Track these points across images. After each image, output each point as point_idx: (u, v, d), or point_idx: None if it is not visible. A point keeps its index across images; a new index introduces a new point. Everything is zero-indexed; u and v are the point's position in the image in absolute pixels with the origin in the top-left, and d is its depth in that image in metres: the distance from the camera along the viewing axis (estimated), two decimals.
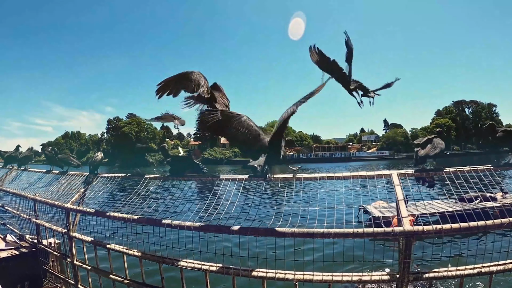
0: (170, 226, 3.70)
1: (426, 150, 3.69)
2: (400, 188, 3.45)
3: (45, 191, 6.12)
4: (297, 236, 3.15)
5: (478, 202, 13.28)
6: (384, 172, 3.66)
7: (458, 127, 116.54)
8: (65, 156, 6.54)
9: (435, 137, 3.85)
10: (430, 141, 3.80)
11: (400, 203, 3.28)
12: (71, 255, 5.16)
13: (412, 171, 3.69)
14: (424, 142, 3.78)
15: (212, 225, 3.63)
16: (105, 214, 4.45)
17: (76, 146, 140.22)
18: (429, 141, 3.80)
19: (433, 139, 3.82)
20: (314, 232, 3.08)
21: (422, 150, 3.71)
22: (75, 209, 4.98)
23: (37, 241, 6.47)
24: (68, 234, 5.14)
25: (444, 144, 3.83)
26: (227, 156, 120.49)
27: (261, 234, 3.31)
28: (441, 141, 3.82)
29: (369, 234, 3.01)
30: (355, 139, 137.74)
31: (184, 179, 4.37)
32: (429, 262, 3.40)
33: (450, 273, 3.13)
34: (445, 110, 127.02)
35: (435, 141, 3.79)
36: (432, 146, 3.73)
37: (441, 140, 3.85)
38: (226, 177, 4.03)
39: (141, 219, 4.03)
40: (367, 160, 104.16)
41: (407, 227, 3.01)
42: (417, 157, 3.70)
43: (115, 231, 4.79)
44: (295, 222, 3.32)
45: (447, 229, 2.97)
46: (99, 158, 5.52)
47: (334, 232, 3.03)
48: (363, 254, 3.38)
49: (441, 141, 3.82)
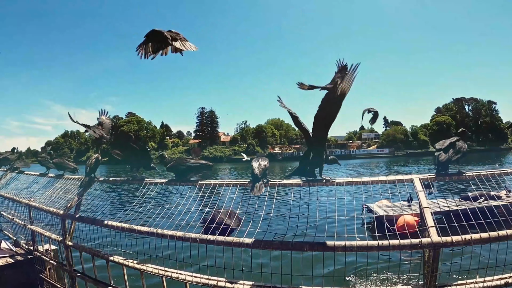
0: (173, 238, 3.41)
1: (449, 155, 3.41)
2: (423, 195, 3.18)
3: (41, 195, 5.81)
4: (316, 249, 2.85)
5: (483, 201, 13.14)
6: (406, 176, 3.38)
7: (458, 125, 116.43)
8: (60, 160, 6.22)
9: (457, 140, 3.55)
10: (453, 145, 3.50)
11: (425, 211, 3.01)
12: (68, 265, 4.88)
13: (433, 176, 3.41)
14: (447, 147, 3.49)
15: (220, 239, 3.26)
16: (102, 223, 4.15)
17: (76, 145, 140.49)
18: (451, 146, 3.50)
19: (455, 142, 3.53)
20: (335, 245, 2.78)
21: (444, 155, 3.43)
22: (71, 217, 4.69)
23: (33, 248, 6.20)
24: (64, 242, 4.85)
25: (466, 146, 3.57)
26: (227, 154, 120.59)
27: (276, 248, 2.99)
28: (464, 144, 3.54)
29: (394, 246, 2.72)
30: (355, 137, 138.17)
31: (182, 184, 4.16)
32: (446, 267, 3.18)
33: (478, 285, 2.86)
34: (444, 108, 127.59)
35: (458, 145, 3.50)
36: (455, 151, 3.45)
37: (464, 142, 3.56)
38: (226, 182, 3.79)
39: (141, 229, 3.74)
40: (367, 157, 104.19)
41: (435, 238, 2.74)
42: (438, 163, 3.43)
43: (114, 238, 4.50)
44: (303, 229, 3.10)
45: (476, 239, 2.72)
46: (95, 160, 5.19)
47: (358, 245, 2.73)
48: (381, 265, 3.12)
49: (464, 144, 3.54)
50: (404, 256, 7.51)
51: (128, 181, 4.72)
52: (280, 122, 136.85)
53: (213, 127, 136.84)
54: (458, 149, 3.46)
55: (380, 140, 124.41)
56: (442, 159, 3.40)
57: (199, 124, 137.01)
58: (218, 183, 3.84)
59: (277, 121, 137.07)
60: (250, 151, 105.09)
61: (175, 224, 3.57)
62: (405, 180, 3.37)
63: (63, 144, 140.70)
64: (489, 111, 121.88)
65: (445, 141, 3.57)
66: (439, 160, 3.41)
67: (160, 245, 3.77)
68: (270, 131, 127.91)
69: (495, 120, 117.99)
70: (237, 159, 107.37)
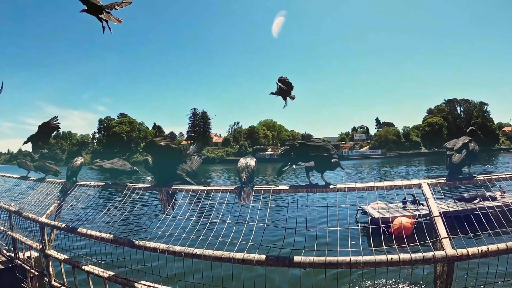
0: (156, 251, 3.08)
1: (462, 156, 3.13)
2: (433, 202, 2.89)
3: (20, 200, 5.48)
4: (317, 266, 2.51)
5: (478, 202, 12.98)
6: (413, 181, 3.09)
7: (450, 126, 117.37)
8: (41, 163, 5.89)
9: (470, 141, 3.26)
10: (466, 146, 3.20)
11: (437, 220, 2.72)
12: (48, 275, 4.55)
13: (443, 180, 3.14)
14: (460, 148, 3.19)
15: (208, 253, 2.90)
16: (80, 232, 3.81)
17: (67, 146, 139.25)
18: (465, 146, 3.20)
19: (468, 143, 3.23)
20: (338, 262, 2.46)
21: (458, 156, 3.14)
22: (50, 224, 4.36)
23: (14, 256, 5.84)
24: (43, 251, 4.52)
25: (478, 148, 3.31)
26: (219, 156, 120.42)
27: (271, 264, 2.65)
28: (476, 146, 3.27)
29: (405, 262, 2.42)
30: (347, 138, 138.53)
31: (168, 189, 3.85)
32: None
33: None
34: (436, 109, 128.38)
35: (471, 146, 3.21)
36: (468, 152, 3.17)
37: (476, 144, 3.29)
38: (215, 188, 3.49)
39: (121, 240, 3.39)
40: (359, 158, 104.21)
41: (449, 251, 2.45)
42: (451, 165, 3.13)
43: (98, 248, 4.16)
44: (301, 239, 2.87)
45: (493, 250, 2.45)
46: (78, 164, 4.86)
47: (364, 261, 2.43)
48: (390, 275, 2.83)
49: (476, 146, 3.27)
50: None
51: (109, 186, 4.45)
52: (272, 123, 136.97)
53: (206, 128, 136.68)
54: (471, 151, 3.19)
55: (372, 141, 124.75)
56: (456, 160, 3.11)
57: (192, 125, 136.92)
58: (206, 188, 3.51)
59: (269, 122, 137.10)
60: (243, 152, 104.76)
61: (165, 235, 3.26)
62: (413, 186, 3.08)
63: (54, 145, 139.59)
64: (480, 112, 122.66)
65: (456, 141, 3.28)
66: (453, 162, 3.12)
67: (149, 255, 3.44)
68: (262, 132, 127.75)
69: (487, 121, 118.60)
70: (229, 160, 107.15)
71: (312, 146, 3.23)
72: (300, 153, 3.22)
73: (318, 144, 3.27)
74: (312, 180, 3.35)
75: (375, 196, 3.26)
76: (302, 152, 3.20)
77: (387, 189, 3.09)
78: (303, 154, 3.20)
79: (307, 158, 3.18)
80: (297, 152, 3.22)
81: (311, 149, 3.21)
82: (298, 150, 3.22)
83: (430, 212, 2.81)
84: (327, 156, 3.26)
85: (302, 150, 3.20)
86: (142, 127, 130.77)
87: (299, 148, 3.22)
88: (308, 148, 3.21)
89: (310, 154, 3.18)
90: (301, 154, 3.21)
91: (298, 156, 3.24)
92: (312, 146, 3.23)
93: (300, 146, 3.22)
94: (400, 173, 44.95)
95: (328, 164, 3.28)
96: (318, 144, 3.27)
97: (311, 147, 3.21)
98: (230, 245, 2.94)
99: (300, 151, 3.21)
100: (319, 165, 3.24)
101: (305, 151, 3.19)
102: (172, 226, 3.29)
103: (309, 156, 3.18)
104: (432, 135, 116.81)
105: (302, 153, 3.21)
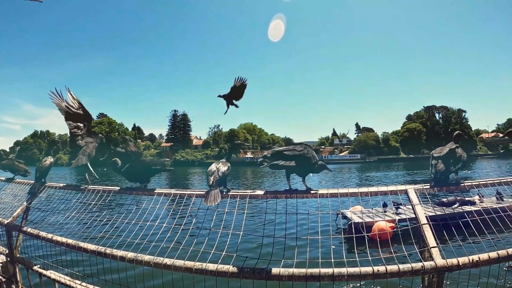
0: (124, 260, 2.84)
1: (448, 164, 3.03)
2: (420, 209, 2.74)
3: None
4: (297, 279, 2.31)
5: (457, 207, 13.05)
6: (399, 187, 2.95)
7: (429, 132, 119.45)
8: (9, 162, 5.60)
9: (457, 147, 3.15)
10: (453, 153, 3.09)
11: (425, 228, 2.57)
12: (15, 282, 4.29)
13: (427, 186, 3.01)
14: (446, 154, 3.08)
15: (178, 264, 2.67)
16: (46, 237, 3.58)
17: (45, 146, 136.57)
18: (451, 153, 3.09)
19: (455, 150, 3.12)
20: (320, 274, 2.28)
21: (442, 165, 3.03)
22: (15, 227, 4.11)
23: None
24: (10, 256, 4.27)
25: (466, 154, 3.19)
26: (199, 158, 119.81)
27: (246, 277, 2.44)
28: (464, 152, 3.17)
29: (393, 273, 2.25)
30: (327, 142, 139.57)
31: (139, 193, 3.67)
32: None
33: None
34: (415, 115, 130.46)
35: (457, 152, 3.10)
36: (455, 159, 3.06)
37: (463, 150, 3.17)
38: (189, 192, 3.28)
39: (88, 247, 3.14)
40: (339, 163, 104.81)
41: (439, 262, 2.31)
42: (436, 173, 3.02)
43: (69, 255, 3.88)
44: (279, 248, 2.77)
45: (484, 260, 2.36)
46: (48, 164, 4.59)
47: (349, 273, 2.25)
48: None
49: (464, 152, 3.17)
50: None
51: (79, 189, 4.19)
52: (253, 126, 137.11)
53: (186, 130, 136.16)
54: (458, 158, 3.07)
55: (352, 146, 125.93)
56: (440, 168, 3.00)
57: (172, 127, 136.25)
58: (179, 193, 3.30)
59: (249, 125, 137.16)
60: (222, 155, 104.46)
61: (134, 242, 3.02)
62: (399, 191, 2.94)
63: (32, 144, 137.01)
64: (458, 119, 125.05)
65: (442, 148, 3.17)
66: (437, 170, 3.00)
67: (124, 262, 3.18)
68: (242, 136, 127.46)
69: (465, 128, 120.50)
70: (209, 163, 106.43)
71: (290, 156, 3.02)
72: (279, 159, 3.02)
73: (298, 153, 3.06)
74: (292, 184, 3.16)
75: (356, 199, 3.10)
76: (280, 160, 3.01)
77: (371, 195, 2.93)
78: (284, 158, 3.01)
79: (288, 158, 3.00)
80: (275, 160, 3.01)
81: (289, 158, 3.00)
82: (275, 159, 3.01)
83: (417, 220, 2.66)
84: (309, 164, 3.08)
85: (280, 159, 3.00)
86: (121, 128, 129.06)
87: (276, 157, 3.01)
88: (286, 158, 3.00)
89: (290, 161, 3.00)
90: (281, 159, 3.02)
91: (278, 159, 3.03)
92: (290, 156, 3.02)
93: (278, 154, 3.02)
94: (379, 178, 45.28)
95: (311, 167, 3.10)
96: (298, 153, 3.06)
97: (289, 157, 3.01)
98: (205, 253, 2.74)
99: (278, 159, 3.01)
100: (301, 168, 3.06)
101: (283, 159, 3.00)
102: (143, 230, 3.09)
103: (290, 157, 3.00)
104: (411, 141, 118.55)
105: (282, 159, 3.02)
